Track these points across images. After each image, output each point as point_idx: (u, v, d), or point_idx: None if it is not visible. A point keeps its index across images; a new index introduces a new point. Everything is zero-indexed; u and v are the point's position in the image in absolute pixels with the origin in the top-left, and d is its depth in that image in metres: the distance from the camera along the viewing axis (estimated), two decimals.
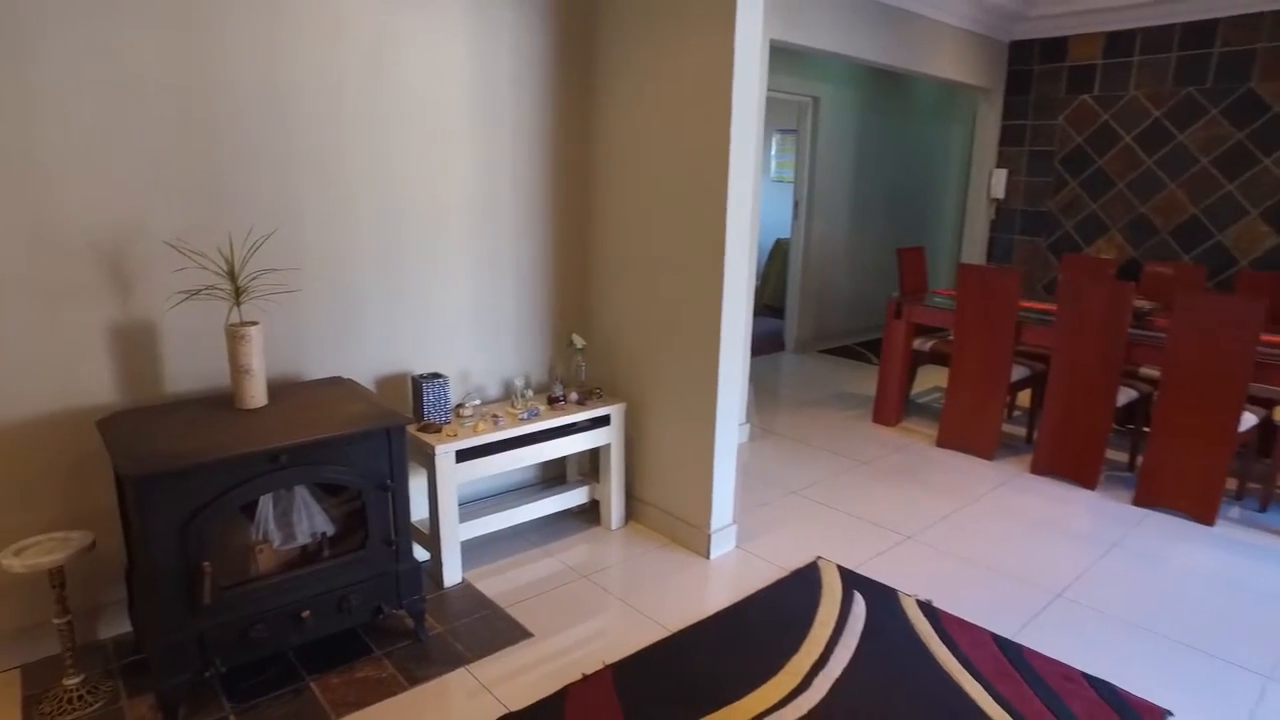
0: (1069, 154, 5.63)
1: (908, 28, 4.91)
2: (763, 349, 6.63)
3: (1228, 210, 4.97)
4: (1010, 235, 6.01)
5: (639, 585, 2.83)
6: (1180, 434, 3.50)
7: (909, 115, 7.29)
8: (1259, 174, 4.83)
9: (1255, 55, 4.79)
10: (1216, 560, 3.17)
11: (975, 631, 2.60)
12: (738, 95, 2.67)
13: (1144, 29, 5.19)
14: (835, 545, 3.18)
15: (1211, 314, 3.34)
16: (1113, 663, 2.47)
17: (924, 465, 4.11)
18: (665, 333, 3.05)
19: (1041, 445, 4.00)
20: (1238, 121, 4.88)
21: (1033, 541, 3.28)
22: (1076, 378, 3.80)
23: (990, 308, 4.09)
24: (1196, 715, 2.24)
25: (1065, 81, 5.60)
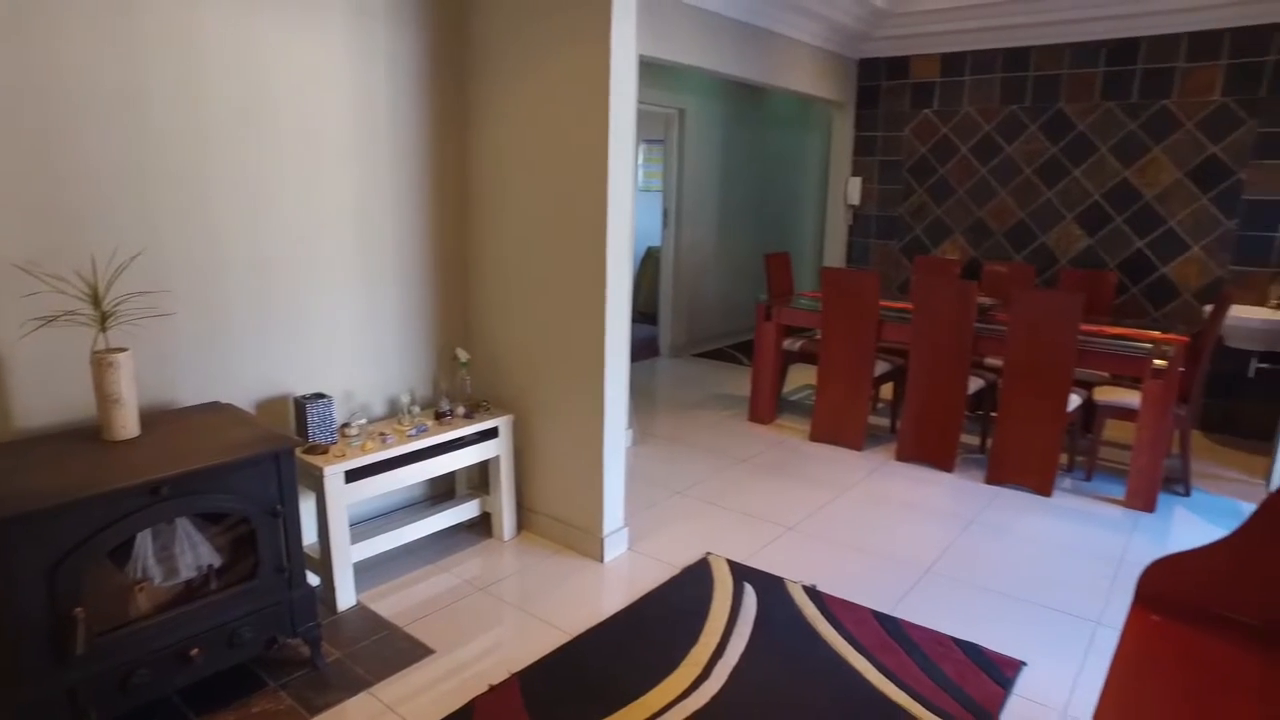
0: (915, 163, 6.09)
1: (767, 45, 5.18)
2: (638, 355, 6.77)
3: (1048, 215, 5.53)
4: (867, 239, 6.43)
5: (537, 593, 2.86)
6: (1021, 417, 3.88)
7: (771, 126, 7.66)
8: (1070, 184, 5.41)
9: (1061, 80, 5.36)
10: (1054, 527, 3.54)
11: (857, 610, 2.79)
12: (614, 107, 2.77)
13: (973, 52, 5.70)
14: (723, 540, 3.32)
15: (1041, 308, 3.73)
16: (976, 625, 2.72)
17: (799, 459, 4.35)
18: (550, 343, 3.10)
19: (904, 434, 4.31)
20: (1052, 137, 5.44)
21: (902, 523, 3.54)
22: (932, 370, 4.13)
23: (853, 308, 4.37)
24: (1045, 661, 2.53)
25: (909, 97, 6.05)
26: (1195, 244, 5.01)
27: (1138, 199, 5.18)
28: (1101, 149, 5.27)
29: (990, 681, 2.42)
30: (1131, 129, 5.15)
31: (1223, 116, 4.85)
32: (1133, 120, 5.15)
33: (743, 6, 4.83)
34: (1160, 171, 5.08)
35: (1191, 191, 4.99)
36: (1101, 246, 5.34)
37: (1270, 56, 4.68)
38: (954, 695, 2.34)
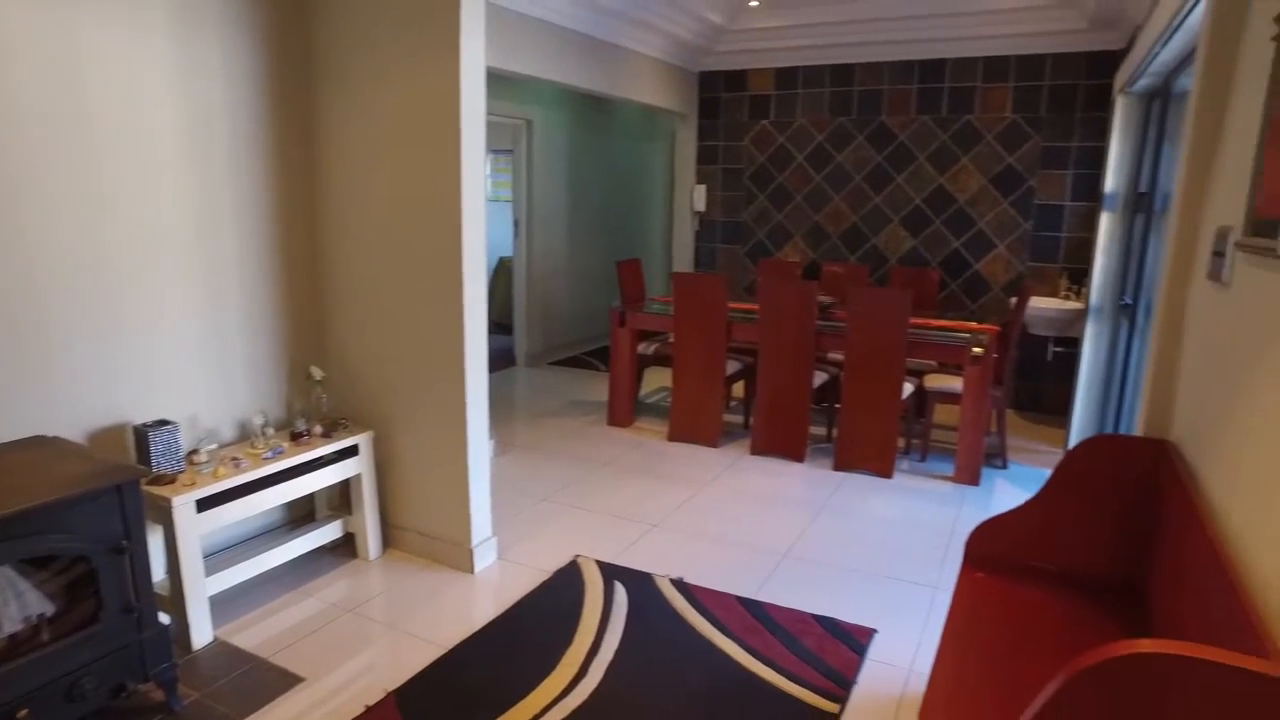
0: (755, 171, 6.42)
1: (612, 57, 5.32)
2: (495, 365, 6.72)
3: (877, 218, 5.99)
4: (713, 244, 6.71)
5: (407, 610, 2.82)
6: (861, 405, 4.19)
7: (618, 136, 7.83)
8: (895, 190, 5.89)
9: (883, 95, 5.84)
10: (896, 505, 3.85)
11: (723, 597, 2.94)
12: (466, 117, 2.78)
13: (804, 67, 6.08)
14: (591, 542, 3.39)
15: (874, 304, 4.05)
16: (832, 601, 2.93)
17: (659, 459, 4.49)
18: (409, 356, 3.06)
19: (757, 429, 4.55)
20: (877, 147, 5.91)
21: (760, 513, 3.74)
22: (779, 366, 4.38)
23: (703, 310, 4.57)
24: (893, 626, 2.76)
25: (747, 108, 6.38)
26: (1000, 243, 5.59)
27: (952, 203, 5.70)
28: (920, 158, 5.77)
29: (847, 650, 2.62)
30: (944, 140, 5.68)
31: (1014, 131, 5.44)
32: (944, 132, 5.67)
33: (588, 20, 4.94)
34: (969, 179, 5.63)
35: (994, 197, 5.56)
36: (924, 246, 5.84)
37: (1045, 81, 5.31)
38: (815, 666, 2.52)
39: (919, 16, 5.39)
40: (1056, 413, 5.45)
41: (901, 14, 5.41)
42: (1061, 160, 5.34)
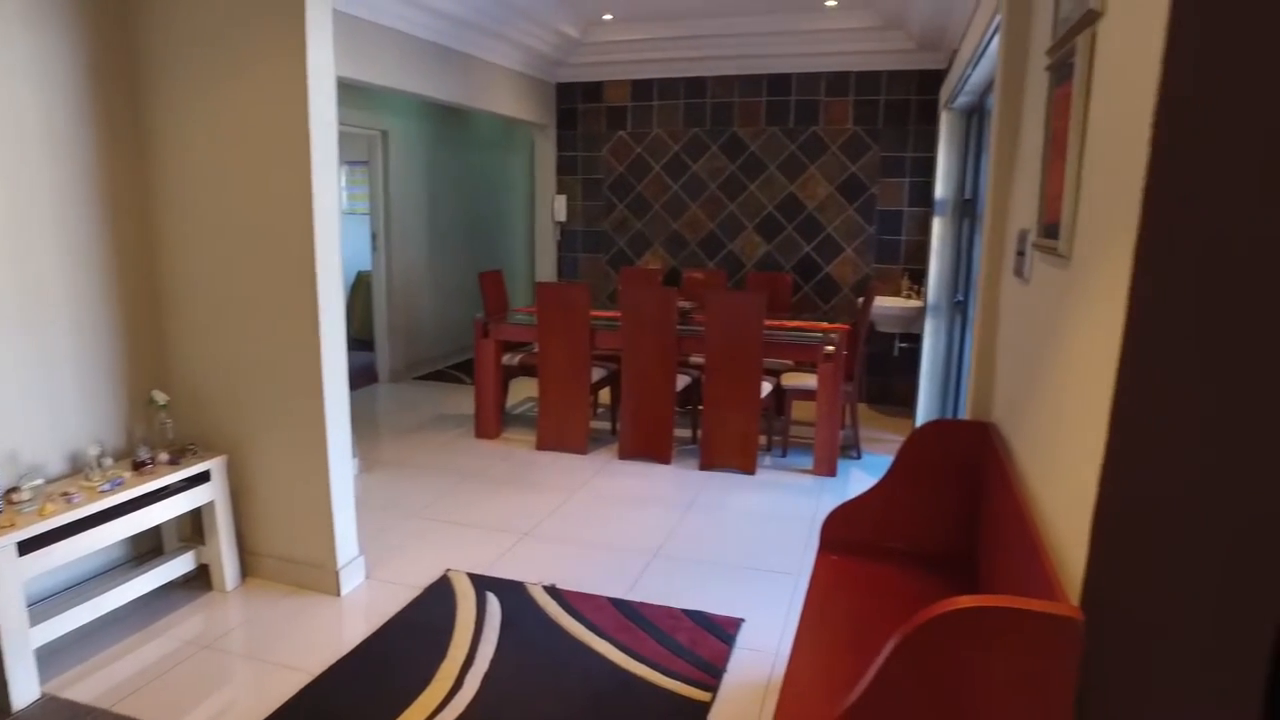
0: (614, 181, 6.53)
1: (469, 68, 5.28)
2: (357, 383, 6.51)
3: (733, 225, 6.23)
4: (575, 253, 6.77)
5: (270, 640, 2.70)
6: (723, 406, 4.35)
7: (477, 147, 7.76)
8: (748, 198, 6.15)
9: (734, 107, 6.09)
10: (759, 500, 4.03)
11: (595, 600, 2.98)
12: (316, 127, 2.71)
13: (658, 79, 6.25)
14: (462, 555, 3.36)
15: (731, 308, 4.22)
16: (702, 595, 3.03)
17: (528, 469, 4.49)
18: (263, 376, 2.94)
19: (624, 434, 4.63)
20: (730, 156, 6.16)
21: (629, 515, 3.82)
22: (643, 372, 4.49)
23: (566, 319, 4.61)
24: (760, 615, 2.90)
25: (605, 119, 6.49)
26: (848, 247, 5.95)
27: (802, 210, 6.02)
28: (771, 167, 6.06)
29: (717, 641, 2.72)
30: (792, 150, 5.98)
31: (856, 142, 5.81)
32: (792, 143, 5.98)
33: (442, 31, 4.89)
34: (817, 186, 5.96)
35: (841, 203, 5.91)
36: (778, 251, 6.13)
37: (881, 96, 5.71)
38: (687, 659, 2.60)
39: (764, 34, 5.67)
40: (904, 404, 5.85)
41: (748, 31, 5.67)
42: (899, 169, 5.75)
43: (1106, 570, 1.19)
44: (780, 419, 4.76)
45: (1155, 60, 1.09)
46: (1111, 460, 1.16)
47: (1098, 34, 1.43)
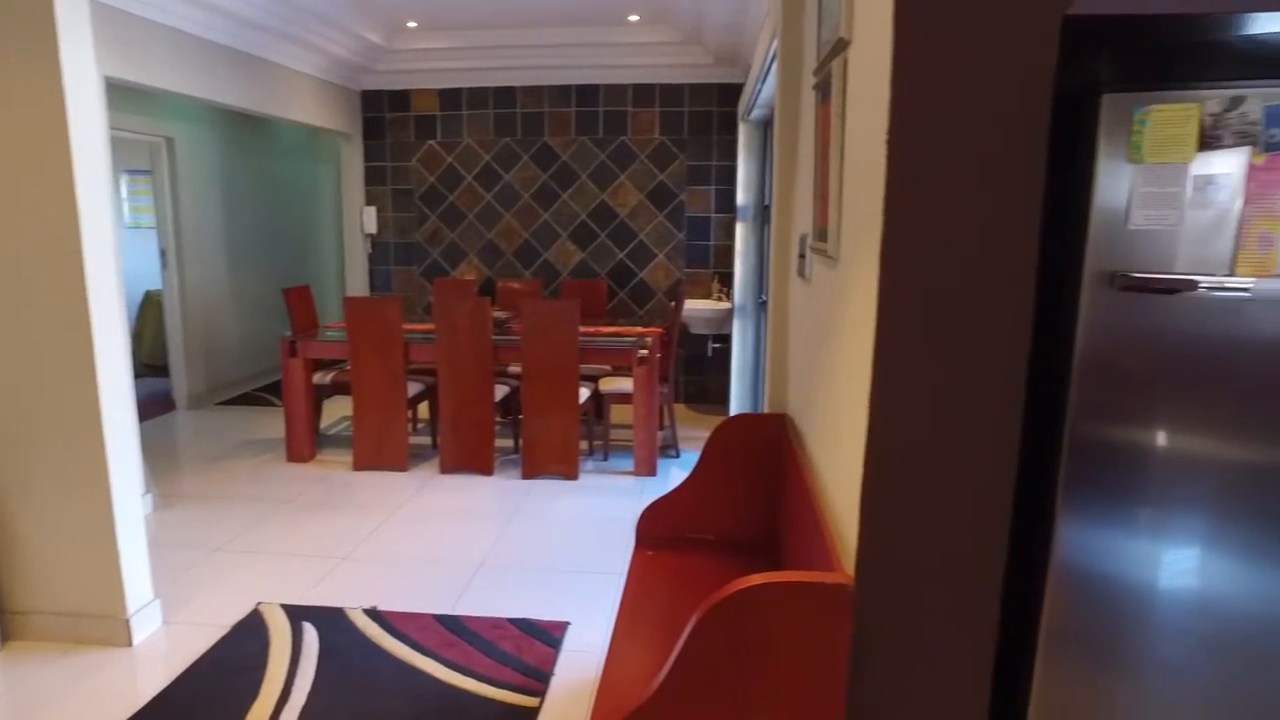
0: (426, 192, 6.39)
1: (263, 73, 4.99)
2: (150, 412, 5.96)
3: (548, 234, 6.28)
4: (387, 266, 6.56)
5: (42, 708, 2.42)
6: (543, 413, 4.38)
7: (278, 156, 7.32)
8: (562, 206, 6.23)
9: (545, 117, 6.15)
10: (583, 504, 4.09)
11: (419, 619, 2.92)
12: (79, 134, 2.47)
13: (467, 89, 6.19)
14: (274, 587, 3.17)
15: (546, 316, 4.26)
16: (528, 602, 3.04)
17: (346, 490, 4.31)
18: (26, 412, 2.64)
19: (444, 448, 4.55)
20: (542, 166, 6.20)
21: (452, 530, 3.76)
22: (460, 384, 4.43)
23: (379, 334, 4.47)
24: (585, 616, 2.95)
25: (414, 129, 6.33)
26: (660, 252, 6.16)
27: (614, 218, 6.17)
28: (582, 176, 6.16)
29: (543, 646, 2.74)
30: (603, 159, 6.12)
31: (663, 151, 6.04)
32: (602, 152, 6.11)
33: (231, 32, 4.59)
34: (628, 195, 6.13)
35: (651, 211, 6.12)
36: (592, 259, 6.24)
37: (685, 107, 5.97)
38: (514, 667, 2.61)
39: (570, 45, 5.77)
40: (720, 402, 6.13)
41: (554, 42, 5.74)
42: (704, 177, 6.03)
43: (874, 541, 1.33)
44: (600, 423, 4.85)
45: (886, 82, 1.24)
46: (873, 439, 1.30)
47: (848, 59, 1.60)
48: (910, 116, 1.23)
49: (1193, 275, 1.21)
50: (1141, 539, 1.34)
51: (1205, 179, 1.18)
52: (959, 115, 1.24)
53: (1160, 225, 1.20)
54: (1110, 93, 1.19)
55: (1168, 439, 1.31)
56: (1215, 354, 1.27)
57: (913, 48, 1.22)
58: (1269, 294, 1.20)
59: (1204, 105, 1.16)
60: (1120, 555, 1.34)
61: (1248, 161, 1.16)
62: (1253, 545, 1.33)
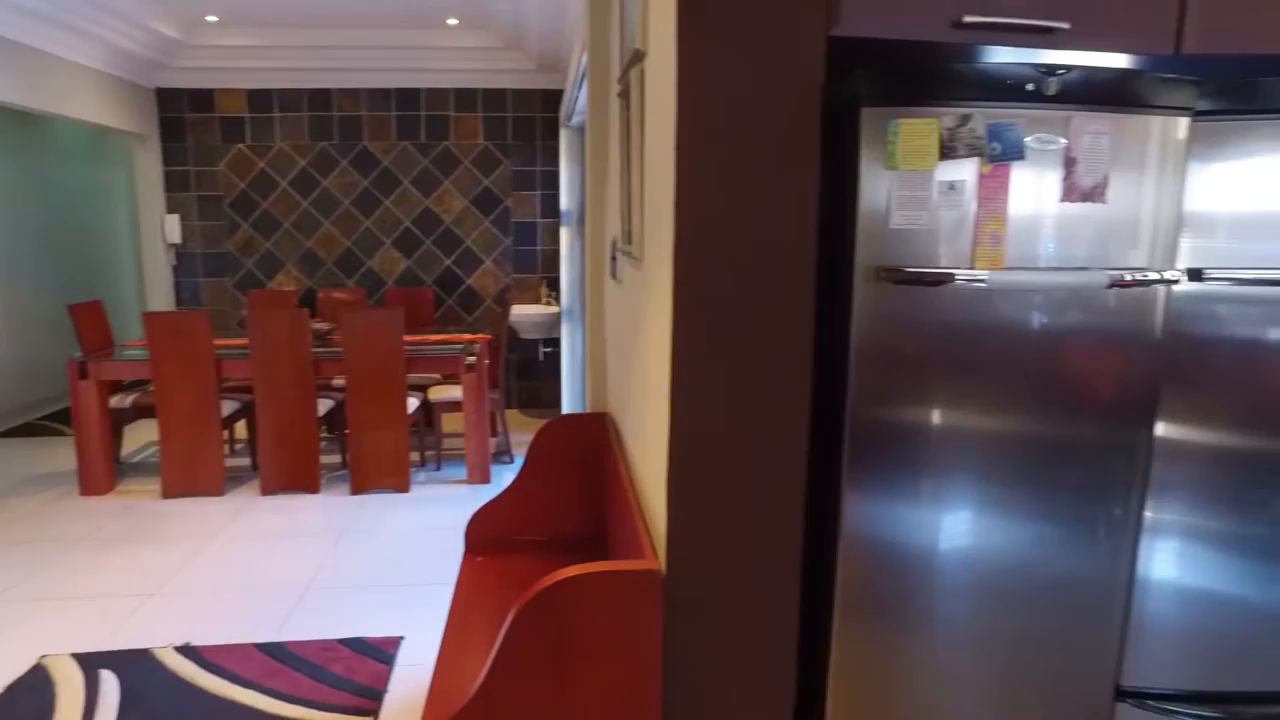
0: (236, 198, 6.00)
1: (32, 64, 4.50)
2: None
3: (370, 242, 6.07)
4: (195, 278, 6.10)
5: None
6: (370, 426, 4.24)
7: (60, 158, 6.62)
8: (385, 213, 6.04)
9: (363, 120, 5.94)
10: (416, 516, 4.00)
11: (239, 650, 2.75)
12: None
13: (278, 90, 5.87)
14: (64, 636, 2.88)
15: (369, 326, 4.13)
16: (360, 621, 2.94)
17: (153, 521, 3.97)
18: None
19: (265, 467, 4.30)
20: (362, 171, 5.99)
21: (276, 553, 3.56)
22: (280, 400, 4.21)
23: (186, 351, 4.16)
24: (419, 629, 2.90)
25: (219, 131, 5.92)
26: (487, 258, 6.11)
27: (440, 224, 6.05)
28: (405, 182, 6.00)
29: (376, 664, 2.67)
30: (425, 165, 5.99)
31: (488, 157, 6.00)
32: (425, 157, 5.98)
33: None
34: (452, 201, 6.04)
35: (477, 216, 6.06)
36: (418, 266, 6.10)
37: (509, 112, 5.97)
38: (345, 689, 2.52)
39: (387, 47, 5.61)
40: (553, 406, 6.16)
41: (370, 44, 5.57)
42: (530, 183, 6.04)
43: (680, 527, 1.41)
44: (431, 433, 4.75)
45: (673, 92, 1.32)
46: (674, 429, 1.38)
47: (645, 70, 1.68)
48: (696, 124, 1.32)
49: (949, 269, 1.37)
50: (920, 507, 1.49)
51: (947, 184, 1.34)
52: (741, 123, 1.34)
53: (915, 225, 1.35)
54: (868, 106, 1.32)
55: (938, 416, 1.47)
56: (970, 338, 1.45)
57: (696, 61, 1.31)
58: (1001, 285, 1.38)
59: (941, 120, 1.31)
60: (901, 523, 1.49)
61: (978, 170, 1.34)
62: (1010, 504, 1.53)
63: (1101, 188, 1.40)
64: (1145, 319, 1.52)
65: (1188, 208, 1.50)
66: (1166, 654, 1.69)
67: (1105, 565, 1.61)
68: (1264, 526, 1.67)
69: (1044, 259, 1.42)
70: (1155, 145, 1.44)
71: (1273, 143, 1.50)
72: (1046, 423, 1.51)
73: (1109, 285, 1.42)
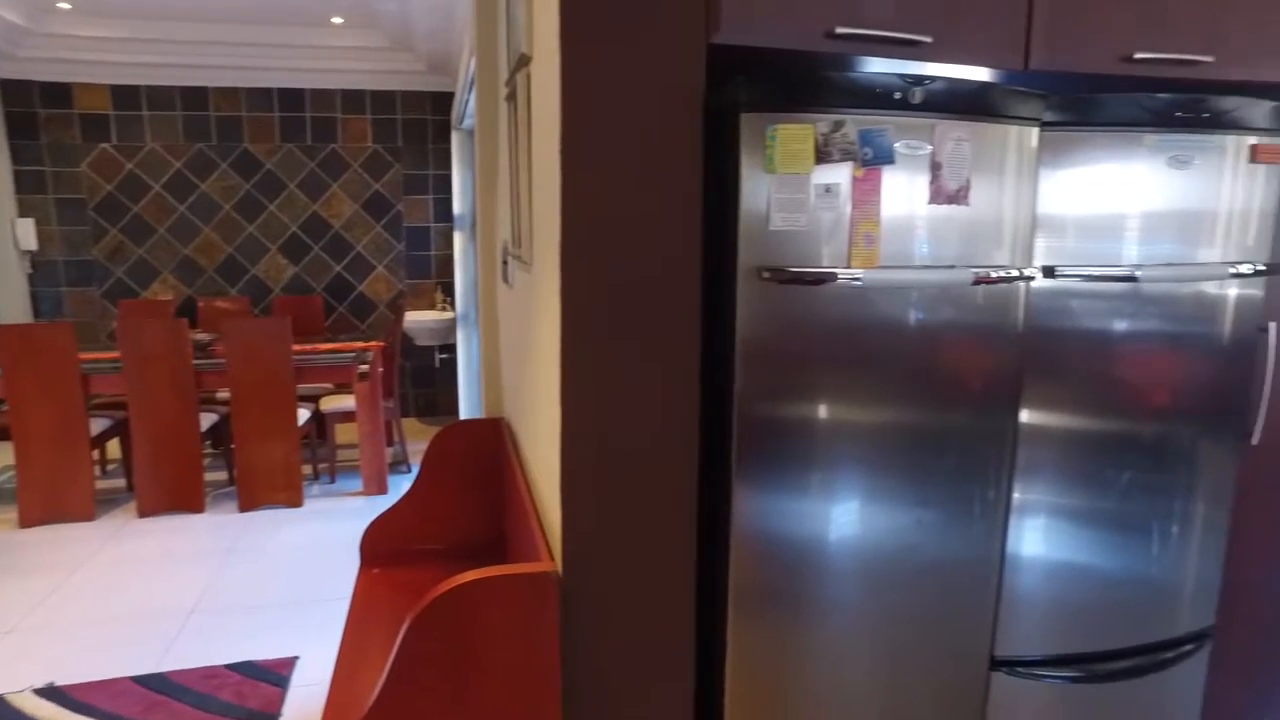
0: (102, 202, 5.63)
1: None
2: None
3: (255, 248, 5.81)
4: (57, 288, 5.68)
5: None
6: (259, 440, 4.07)
7: None
8: (270, 218, 5.80)
9: (243, 121, 5.68)
10: (309, 531, 3.86)
11: (113, 685, 2.59)
12: None
13: (147, 87, 5.54)
14: None
15: (253, 335, 3.96)
16: (250, 644, 2.82)
17: (9, 553, 3.68)
18: None
19: (142, 488, 4.05)
20: (244, 175, 5.73)
21: (156, 578, 3.36)
22: (158, 415, 3.98)
23: (47, 367, 3.88)
24: (314, 648, 2.81)
25: (80, 129, 5.54)
26: (379, 264, 5.95)
27: (329, 229, 5.85)
28: (290, 186, 5.78)
29: (269, 687, 2.56)
30: (312, 168, 5.78)
31: (378, 160, 5.85)
32: (311, 160, 5.78)
33: None
34: (341, 205, 5.85)
35: (368, 221, 5.89)
36: (307, 273, 5.88)
37: (399, 115, 5.84)
38: (235, 715, 2.41)
39: (267, 45, 5.39)
40: (451, 413, 6.05)
41: (248, 40, 5.33)
42: (422, 187, 5.92)
43: (575, 527, 1.42)
44: (324, 444, 4.59)
45: (558, 96, 1.33)
46: (566, 430, 1.39)
47: (531, 73, 1.68)
48: (581, 128, 1.34)
49: (828, 269, 1.43)
50: (807, 499, 1.55)
51: (824, 187, 1.40)
52: (625, 128, 1.36)
53: (794, 226, 1.40)
54: (747, 112, 1.37)
55: (822, 410, 1.53)
56: (850, 335, 1.51)
57: (580, 65, 1.33)
58: (875, 283, 1.46)
59: (816, 126, 1.37)
60: (790, 514, 1.54)
61: (852, 174, 1.40)
62: (891, 492, 1.60)
63: (965, 191, 1.49)
64: (1008, 314, 1.63)
65: (1041, 210, 1.62)
66: (1034, 623, 1.81)
67: (979, 545, 1.72)
68: (1114, 501, 1.82)
69: (917, 258, 1.50)
70: (1011, 152, 1.54)
71: (1110, 152, 1.63)
72: (923, 413, 1.60)
73: (974, 282, 1.52)
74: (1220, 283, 1.80)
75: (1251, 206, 1.78)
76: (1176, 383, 1.83)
